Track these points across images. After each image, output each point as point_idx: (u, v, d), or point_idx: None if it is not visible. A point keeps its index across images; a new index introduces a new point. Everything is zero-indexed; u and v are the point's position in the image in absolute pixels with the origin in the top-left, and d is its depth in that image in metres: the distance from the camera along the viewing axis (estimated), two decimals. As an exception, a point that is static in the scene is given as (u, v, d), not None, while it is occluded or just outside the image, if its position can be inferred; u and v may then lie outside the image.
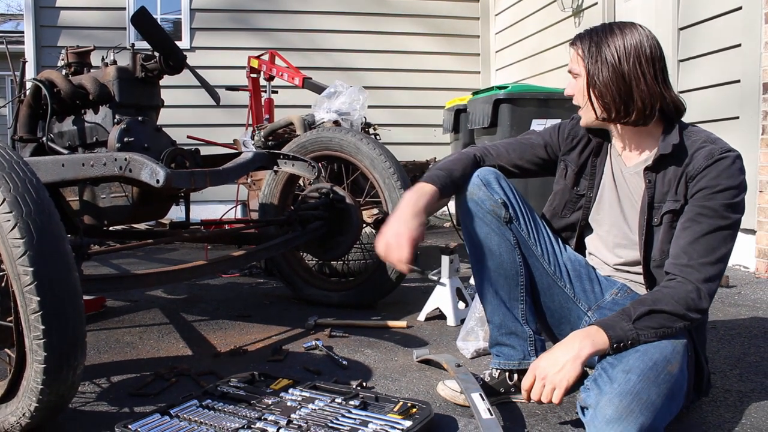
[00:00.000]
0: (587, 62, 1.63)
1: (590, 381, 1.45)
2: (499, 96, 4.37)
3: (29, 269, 1.39)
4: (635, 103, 1.60)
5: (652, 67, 1.59)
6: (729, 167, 1.55)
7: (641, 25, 1.64)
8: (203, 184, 2.15)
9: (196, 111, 6.43)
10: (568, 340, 1.51)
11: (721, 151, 1.57)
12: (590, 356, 1.47)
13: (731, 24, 3.86)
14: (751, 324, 2.59)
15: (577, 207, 1.84)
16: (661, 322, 1.49)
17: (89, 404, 1.85)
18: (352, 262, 3.47)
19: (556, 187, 1.88)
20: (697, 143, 1.61)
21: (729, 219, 1.55)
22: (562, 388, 1.45)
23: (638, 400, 1.37)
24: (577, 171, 1.82)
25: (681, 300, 1.50)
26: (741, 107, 3.77)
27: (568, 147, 1.85)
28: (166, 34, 2.41)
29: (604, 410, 1.37)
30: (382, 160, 2.85)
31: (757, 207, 3.59)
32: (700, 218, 1.55)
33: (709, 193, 1.55)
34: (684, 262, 1.54)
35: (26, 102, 2.56)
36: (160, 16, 6.99)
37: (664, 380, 1.43)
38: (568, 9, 5.65)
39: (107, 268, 4.15)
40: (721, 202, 1.55)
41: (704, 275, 1.52)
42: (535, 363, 1.53)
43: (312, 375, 2.08)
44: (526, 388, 1.52)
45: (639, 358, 1.45)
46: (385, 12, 7.25)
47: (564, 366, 1.46)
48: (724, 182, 1.55)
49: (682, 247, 1.56)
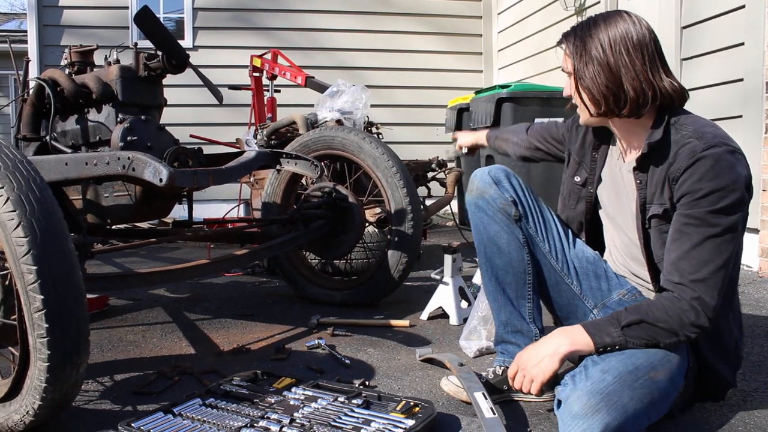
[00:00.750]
0: (573, 59, 1.59)
1: (569, 376, 1.47)
2: (501, 95, 4.37)
3: (33, 268, 1.39)
4: (627, 93, 1.52)
5: (640, 54, 1.51)
6: (713, 167, 1.43)
7: (629, 13, 1.57)
8: (206, 183, 2.15)
9: (199, 110, 6.44)
10: (551, 336, 1.54)
11: (703, 147, 1.45)
12: (568, 354, 1.50)
13: (734, 23, 3.85)
14: (754, 323, 2.58)
15: (579, 197, 1.83)
16: (650, 334, 1.47)
17: (92, 402, 1.85)
18: (355, 261, 3.47)
19: (564, 175, 1.89)
20: (684, 138, 1.50)
21: (719, 225, 1.44)
22: (538, 381, 1.50)
23: (607, 400, 1.37)
24: (578, 161, 1.82)
25: (675, 317, 1.45)
26: (744, 106, 3.76)
27: (572, 135, 1.87)
28: (168, 33, 2.41)
29: (572, 405, 1.38)
30: (385, 159, 2.85)
31: (761, 206, 3.58)
32: (687, 229, 1.46)
33: (692, 200, 1.45)
34: (676, 280, 1.47)
35: (29, 101, 2.56)
36: (163, 15, 7.00)
37: (643, 385, 1.42)
38: (570, 8, 5.64)
39: (110, 267, 4.16)
40: (705, 209, 1.44)
41: (698, 293, 1.44)
42: (520, 354, 1.58)
43: (315, 374, 2.08)
44: (511, 376, 1.59)
45: (622, 361, 1.45)
46: (388, 11, 7.25)
47: (542, 360, 1.50)
48: (707, 185, 1.43)
49: (673, 262, 1.48)
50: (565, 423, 1.38)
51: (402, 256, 2.85)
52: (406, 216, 2.83)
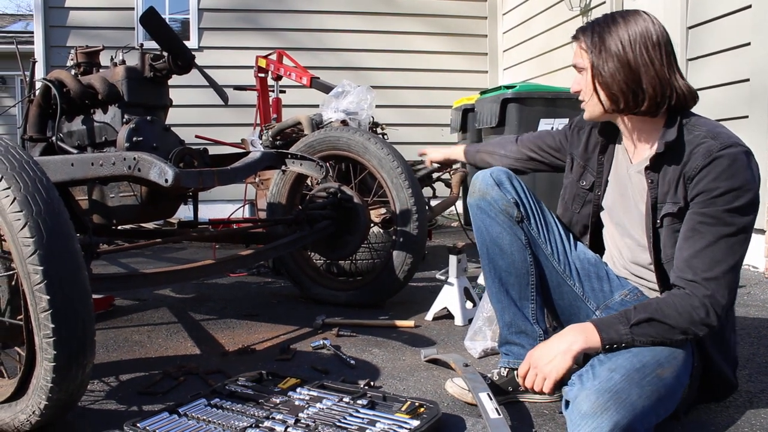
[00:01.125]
0: (591, 54, 1.58)
1: (576, 376, 1.46)
2: (506, 95, 4.37)
3: (39, 268, 1.40)
4: (646, 92, 1.53)
5: (659, 53, 1.52)
6: (729, 167, 1.45)
7: (645, 12, 1.58)
8: (211, 184, 2.15)
9: (204, 110, 6.45)
10: (563, 333, 1.53)
11: (720, 147, 1.46)
12: (581, 351, 1.49)
13: (740, 23, 3.84)
14: (760, 324, 2.57)
15: (585, 201, 1.82)
16: (659, 332, 1.48)
17: (98, 402, 1.86)
18: (360, 262, 3.47)
19: (566, 180, 1.88)
20: (698, 138, 1.51)
21: (733, 225, 1.45)
22: (552, 379, 1.49)
23: (616, 398, 1.37)
24: (583, 165, 1.81)
25: (685, 313, 1.46)
26: (750, 106, 3.75)
27: (574, 139, 1.85)
28: (174, 33, 2.42)
29: (581, 405, 1.37)
30: (390, 159, 2.85)
31: (767, 207, 3.57)
32: (701, 227, 1.47)
33: (707, 198, 1.46)
34: (689, 278, 1.48)
35: (36, 102, 2.57)
36: (169, 16, 7.02)
37: (650, 383, 1.42)
38: (575, 8, 5.63)
39: (116, 267, 4.17)
40: (721, 207, 1.45)
41: (711, 291, 1.45)
42: (531, 352, 1.57)
43: (320, 374, 2.08)
44: (521, 375, 1.57)
45: (628, 359, 1.45)
46: (393, 11, 7.25)
47: (555, 358, 1.50)
48: (724, 184, 1.45)
49: (686, 260, 1.49)
50: (574, 423, 1.38)
51: (407, 256, 2.85)
52: (411, 216, 2.83)
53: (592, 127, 1.80)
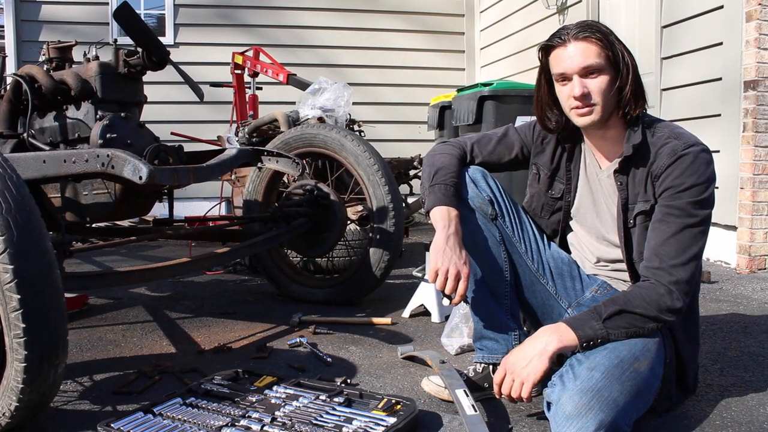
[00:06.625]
0: (611, 55, 1.56)
1: (556, 377, 1.47)
2: (483, 93, 4.38)
3: (9, 267, 1.37)
4: (643, 94, 1.61)
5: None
6: (692, 163, 1.54)
7: None
8: (186, 181, 2.14)
9: (180, 107, 6.40)
10: (537, 335, 1.54)
11: (684, 146, 1.55)
12: (557, 352, 1.50)
13: (713, 22, 3.89)
14: (731, 319, 2.62)
15: (555, 209, 1.84)
16: (631, 322, 1.51)
17: (71, 403, 1.83)
18: (337, 259, 3.47)
19: (531, 190, 1.88)
20: (661, 140, 1.59)
21: (697, 216, 1.54)
22: (530, 383, 1.49)
23: (599, 397, 1.38)
24: (550, 174, 1.82)
25: (652, 302, 1.50)
26: (723, 104, 3.81)
27: (537, 150, 1.85)
28: (149, 29, 2.39)
29: (564, 406, 1.39)
30: (367, 156, 2.84)
31: (738, 203, 3.61)
32: (668, 218, 1.55)
33: (674, 192, 1.54)
34: (656, 265, 1.54)
35: (6, 97, 2.53)
36: (144, 12, 6.93)
37: (629, 378, 1.44)
38: (552, 6, 5.67)
39: (90, 266, 4.12)
40: (687, 200, 1.53)
41: (676, 277, 1.51)
42: (506, 357, 1.57)
43: (296, 372, 2.07)
44: (497, 383, 1.56)
45: (606, 356, 1.46)
46: (370, 8, 7.23)
47: (531, 361, 1.49)
48: (689, 180, 1.53)
49: (653, 248, 1.56)
50: (559, 424, 1.38)
51: (384, 253, 2.86)
52: (388, 214, 2.83)
53: (558, 136, 1.80)
